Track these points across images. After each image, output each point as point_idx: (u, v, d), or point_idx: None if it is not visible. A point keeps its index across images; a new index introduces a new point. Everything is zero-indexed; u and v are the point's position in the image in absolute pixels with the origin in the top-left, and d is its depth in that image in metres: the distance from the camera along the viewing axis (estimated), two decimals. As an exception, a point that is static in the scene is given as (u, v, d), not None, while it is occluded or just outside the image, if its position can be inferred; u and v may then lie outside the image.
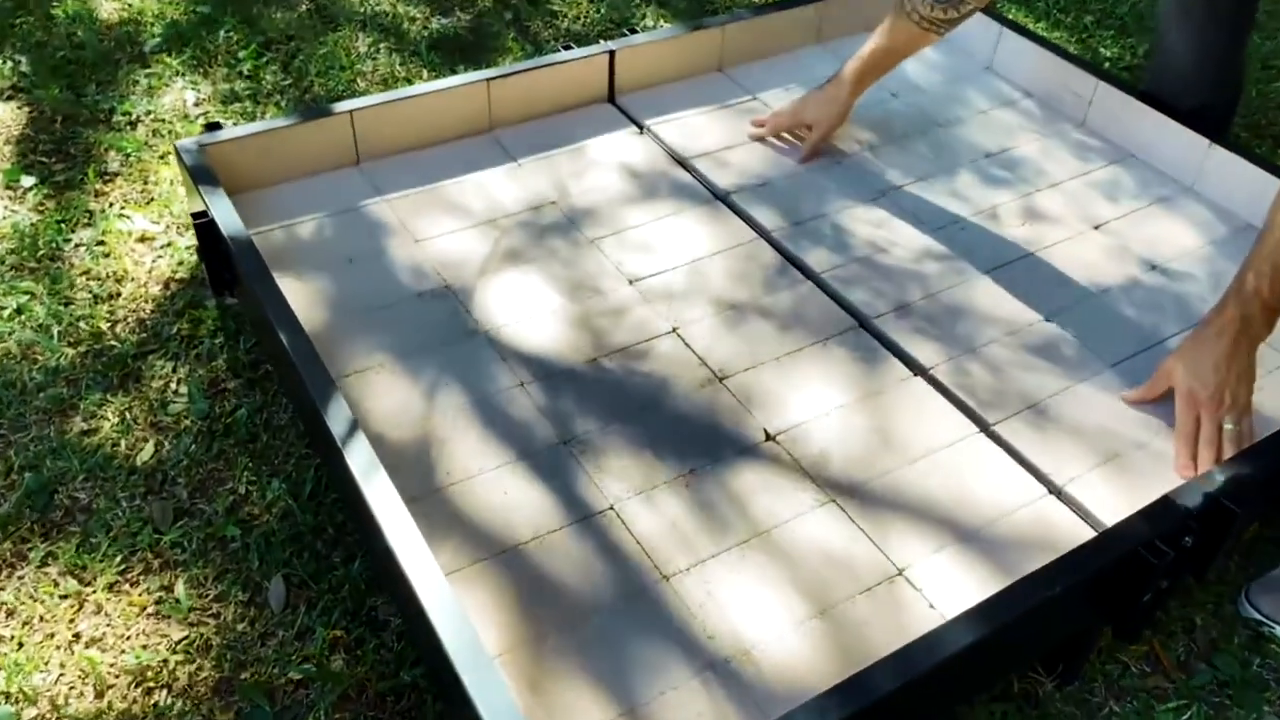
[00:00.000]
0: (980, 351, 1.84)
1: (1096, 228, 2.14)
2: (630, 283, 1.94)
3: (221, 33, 2.97)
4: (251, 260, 1.72)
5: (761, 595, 1.45)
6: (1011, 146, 2.36)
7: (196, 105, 2.73)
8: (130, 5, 3.06)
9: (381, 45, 2.99)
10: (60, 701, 1.50)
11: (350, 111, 2.11)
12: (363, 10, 3.13)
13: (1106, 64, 3.15)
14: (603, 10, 3.24)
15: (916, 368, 1.81)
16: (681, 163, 2.25)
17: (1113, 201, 2.21)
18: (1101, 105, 2.38)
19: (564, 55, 2.33)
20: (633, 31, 2.44)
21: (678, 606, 1.43)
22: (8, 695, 1.50)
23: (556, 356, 1.78)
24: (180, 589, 1.64)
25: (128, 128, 2.62)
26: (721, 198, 2.16)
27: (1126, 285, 2.01)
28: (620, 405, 1.71)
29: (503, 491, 1.56)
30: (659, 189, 2.17)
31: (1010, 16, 3.38)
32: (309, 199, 2.06)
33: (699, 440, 1.66)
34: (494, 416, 1.67)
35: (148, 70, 2.80)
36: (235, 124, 2.64)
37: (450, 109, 2.21)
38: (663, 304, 1.90)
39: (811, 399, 1.74)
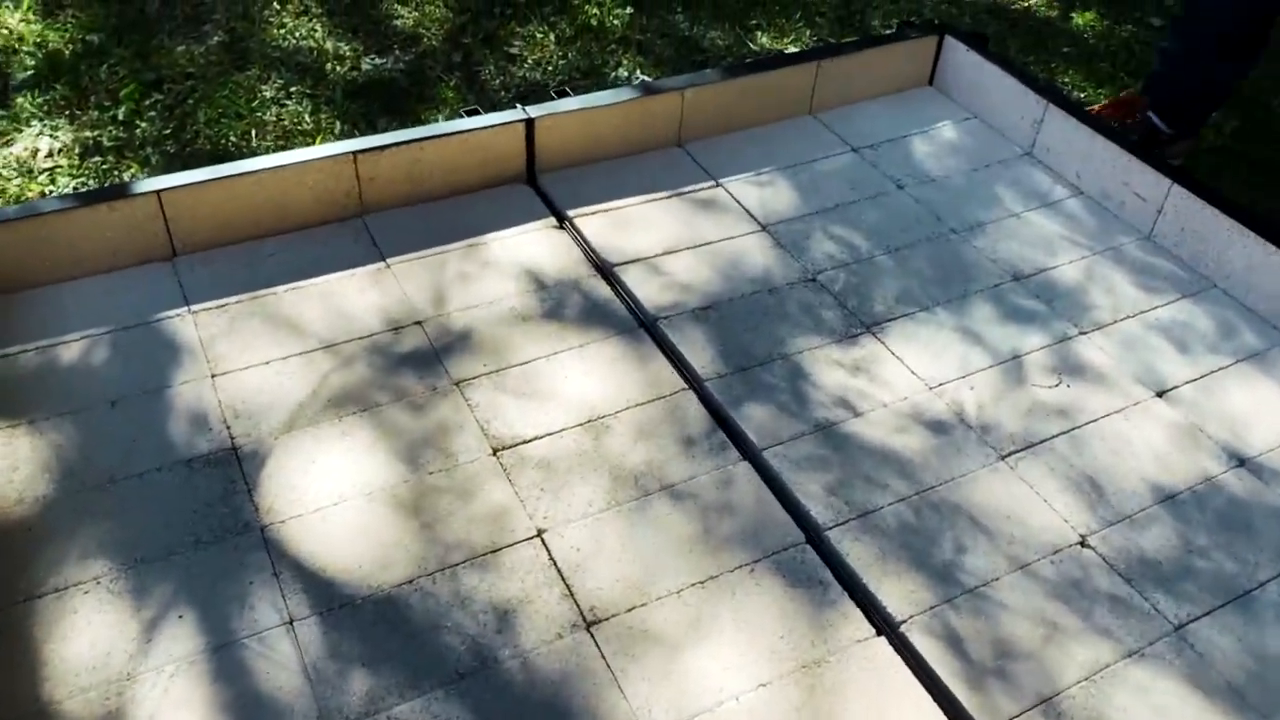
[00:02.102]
0: (981, 596, 1.26)
1: (1160, 394, 1.55)
2: (495, 451, 1.39)
3: (105, 67, 2.49)
4: (-81, 419, 1.21)
5: None
6: (1049, 265, 1.77)
7: (48, 157, 2.24)
8: (8, 30, 2.59)
9: (294, 89, 2.49)
10: None
11: (158, 192, 1.59)
12: (284, 45, 2.64)
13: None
14: (570, 55, 2.72)
15: (882, 621, 1.24)
16: (603, 270, 1.70)
17: (1185, 354, 1.62)
18: (1177, 212, 1.79)
19: (469, 122, 1.80)
20: (602, 84, 1.90)
21: None
22: None
23: (354, 572, 1.24)
24: None
25: (-48, 184, 2.15)
26: (646, 324, 1.61)
27: (1201, 490, 1.41)
28: (429, 666, 1.15)
29: (201, 826, 1.02)
30: (565, 307, 1.62)
31: (1064, 79, 2.81)
32: (91, 307, 1.55)
33: (535, 732, 1.10)
34: (230, 678, 1.12)
35: (3, 111, 2.33)
36: (81, 183, 2.16)
37: (305, 188, 1.69)
38: (533, 487, 1.35)
39: (722, 668, 1.17)
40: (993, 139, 2.06)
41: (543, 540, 1.29)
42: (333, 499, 1.31)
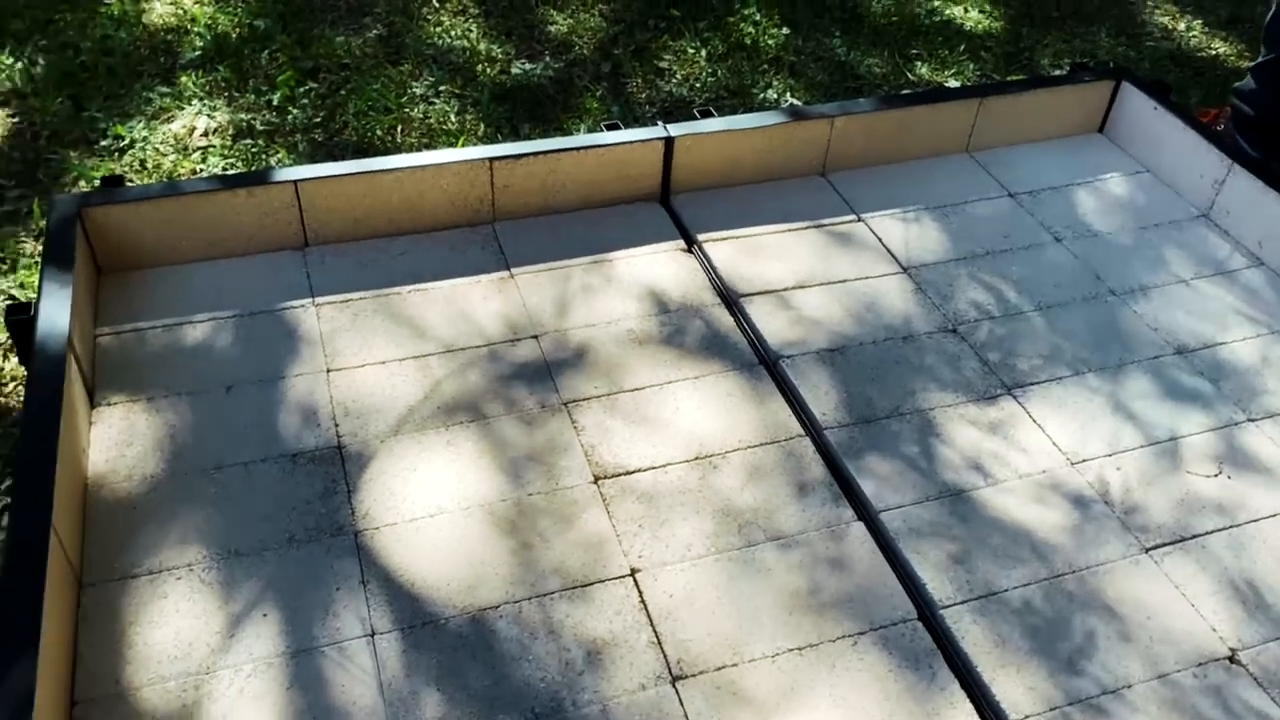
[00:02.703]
0: (1109, 702, 1.14)
1: (1337, 498, 1.39)
2: (597, 479, 1.34)
3: (267, 53, 2.56)
4: (44, 392, 1.22)
5: None
6: (1219, 341, 1.62)
7: (203, 136, 2.31)
8: (182, 10, 2.69)
9: (443, 88, 2.51)
10: None
11: (296, 182, 1.60)
12: (438, 43, 2.67)
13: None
14: (720, 73, 2.66)
15: (995, 717, 1.13)
16: (728, 299, 1.63)
17: (1369, 455, 1.45)
18: (1369, 296, 1.62)
19: (608, 137, 1.76)
20: (750, 105, 1.83)
21: None
22: None
23: (442, 590, 1.20)
24: None
25: (114, 154, 2.23)
26: (767, 361, 1.53)
27: (1377, 612, 1.25)
28: (506, 701, 1.10)
29: (257, 839, 0.99)
30: (685, 335, 1.56)
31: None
32: (220, 289, 1.56)
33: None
34: (306, 685, 1.10)
35: (166, 89, 2.42)
36: (230, 165, 2.21)
37: (440, 190, 1.68)
38: (632, 521, 1.29)
39: (809, 739, 1.09)
40: (1166, 196, 1.91)
41: (635, 580, 1.23)
42: (430, 510, 1.28)
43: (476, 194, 1.70)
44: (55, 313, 1.32)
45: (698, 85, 2.62)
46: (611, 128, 1.79)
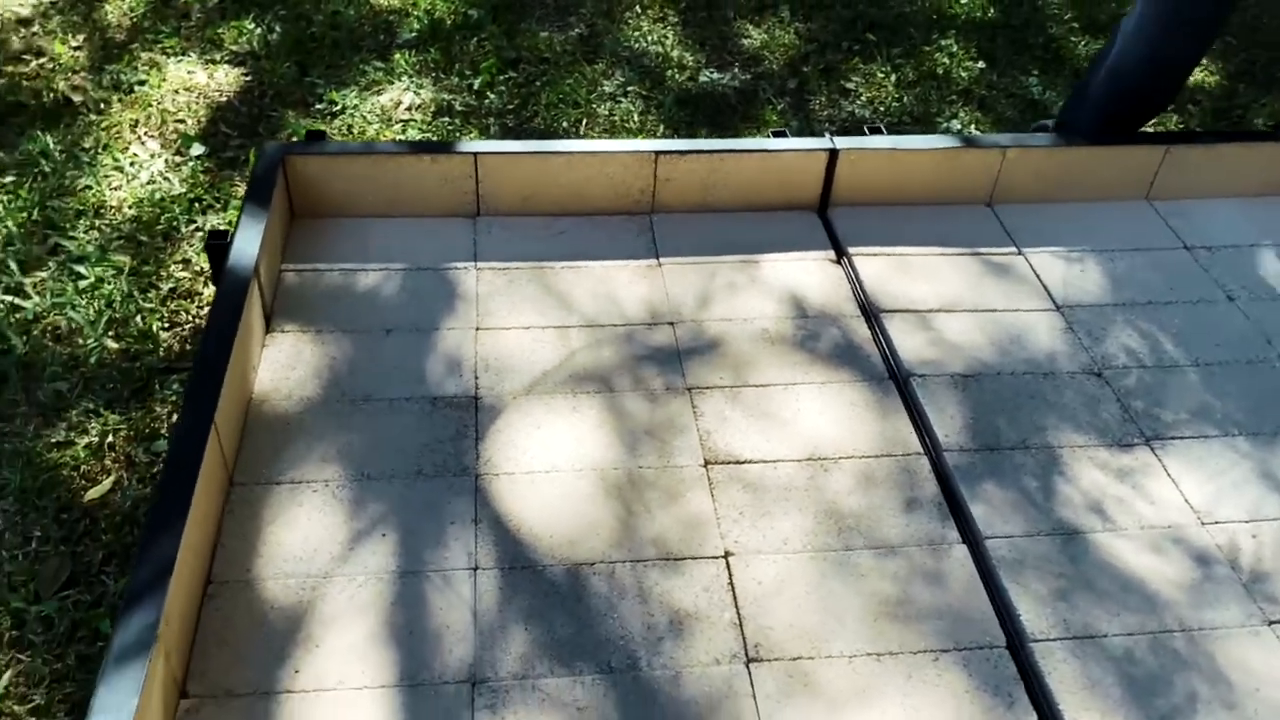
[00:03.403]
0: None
1: None
2: (707, 463, 1.38)
3: (475, 40, 2.73)
4: (227, 310, 1.37)
5: None
6: (1395, 422, 1.51)
7: (407, 110, 2.49)
8: (407, -5, 2.91)
9: (631, 88, 2.61)
10: None
11: (476, 154, 1.72)
12: (634, 46, 2.77)
13: None
14: (906, 100, 2.65)
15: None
16: (869, 313, 1.64)
17: None
18: None
19: (773, 143, 1.80)
20: (931, 133, 1.83)
21: None
22: None
23: (545, 540, 1.27)
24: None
25: (326, 118, 2.43)
26: (898, 377, 1.54)
27: None
28: (587, 650, 1.16)
29: (343, 727, 1.08)
30: (819, 341, 1.58)
31: None
32: (393, 244, 1.70)
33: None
34: (408, 603, 1.19)
35: (381, 64, 2.62)
36: (426, 140, 2.38)
37: (605, 177, 1.76)
38: (734, 508, 1.33)
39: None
40: (1362, 267, 1.79)
41: (728, 563, 1.26)
42: (546, 466, 1.36)
43: (639, 185, 1.78)
44: (247, 243, 1.48)
45: (881, 109, 2.62)
46: (778, 135, 1.83)
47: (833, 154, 1.78)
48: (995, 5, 3.05)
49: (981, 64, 2.80)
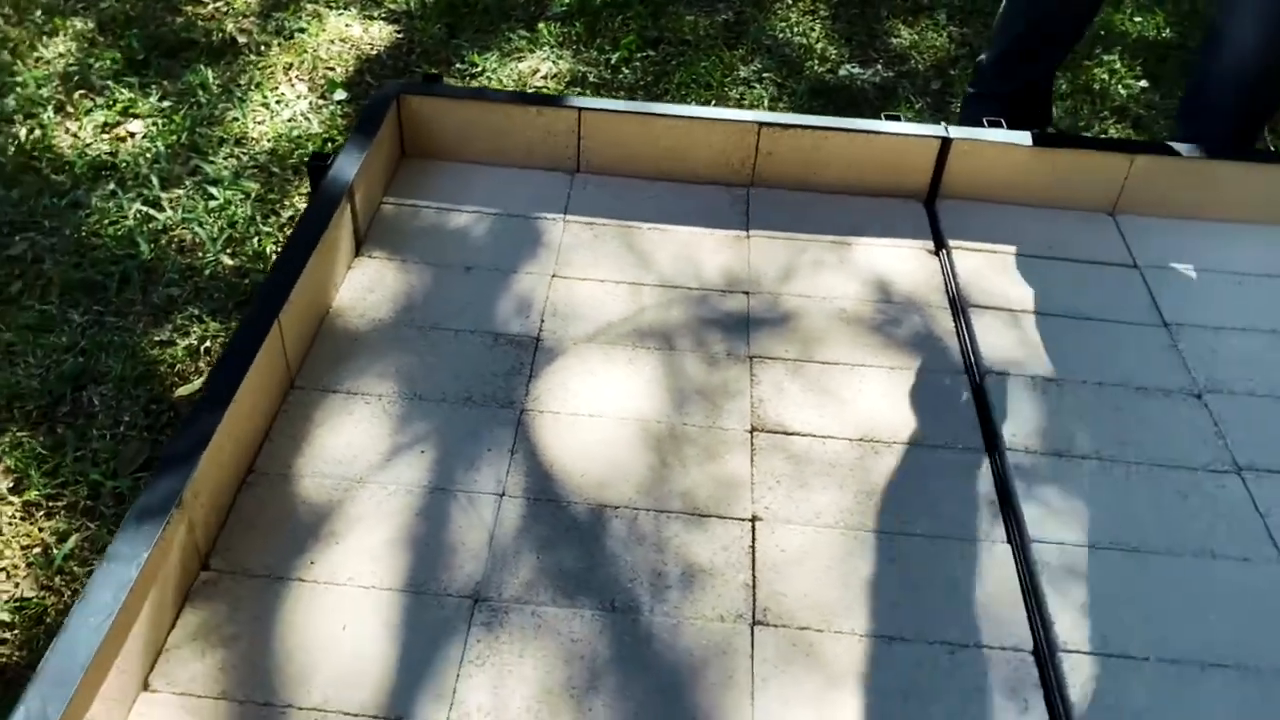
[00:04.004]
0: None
1: None
2: (753, 429, 1.35)
3: (620, 18, 2.76)
4: (312, 223, 1.43)
5: None
6: None
7: (542, 78, 2.55)
8: (564, -29, 2.98)
9: (766, 75, 2.59)
10: None
11: (580, 110, 1.74)
12: (778, 35, 2.75)
13: None
14: (1055, 111, 2.53)
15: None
16: (956, 306, 1.57)
17: None
18: None
19: (881, 125, 1.75)
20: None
21: None
22: None
23: (576, 478, 1.27)
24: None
25: (465, 79, 2.51)
26: (974, 373, 1.46)
27: None
28: (591, 587, 1.16)
29: (341, 626, 1.11)
30: (898, 328, 1.53)
31: None
32: (490, 189, 1.73)
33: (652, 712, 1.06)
34: (428, 520, 1.21)
35: (526, 33, 2.69)
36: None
37: (706, 145, 1.76)
38: (772, 476, 1.29)
39: None
40: None
41: (754, 527, 1.23)
42: (592, 410, 1.36)
43: (740, 155, 1.76)
44: (344, 167, 1.54)
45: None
46: (891, 118, 1.78)
47: (945, 143, 1.72)
48: (1171, 26, 2.88)
49: (1144, 83, 2.64)
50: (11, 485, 1.53)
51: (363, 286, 1.53)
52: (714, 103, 2.50)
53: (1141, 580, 1.20)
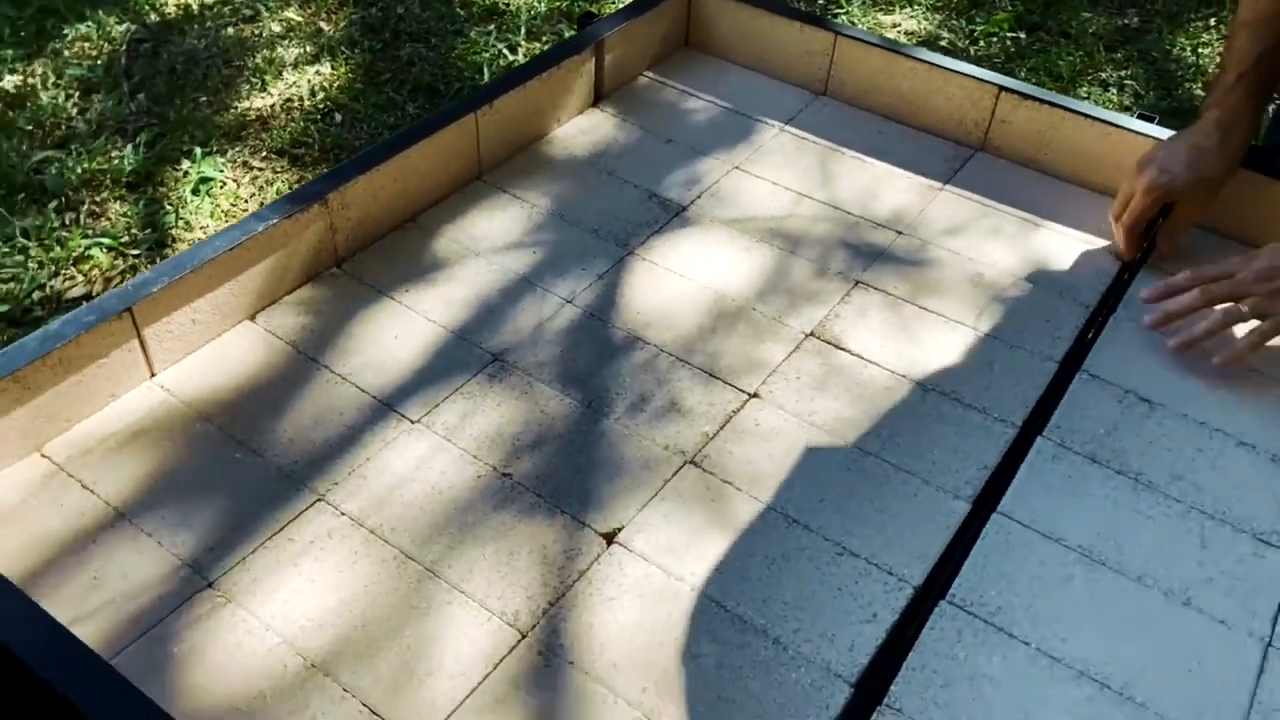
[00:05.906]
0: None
1: None
2: (810, 334, 1.42)
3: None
4: (547, 58, 1.71)
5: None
6: None
7: (898, 32, 2.61)
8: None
9: (1130, 83, 2.43)
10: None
11: (836, 34, 1.84)
12: (1173, 49, 2.55)
13: None
14: None
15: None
16: (1103, 306, 1.47)
17: None
18: None
19: (1125, 120, 1.64)
20: None
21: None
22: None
23: (626, 314, 1.44)
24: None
25: (828, 14, 2.65)
26: (1068, 364, 1.39)
27: None
28: (583, 383, 1.33)
29: (394, 335, 1.40)
30: (1025, 304, 1.48)
31: None
32: (738, 90, 1.89)
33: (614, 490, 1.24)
34: (506, 295, 1.46)
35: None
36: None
37: (944, 97, 1.77)
38: (795, 374, 1.36)
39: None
40: None
41: (748, 400, 1.33)
42: (683, 271, 1.51)
43: (975, 116, 1.76)
44: (603, 26, 1.80)
45: None
46: (1144, 118, 1.67)
47: (1188, 154, 1.59)
48: None
49: None
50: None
51: (580, 129, 1.79)
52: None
53: (1081, 588, 1.13)
